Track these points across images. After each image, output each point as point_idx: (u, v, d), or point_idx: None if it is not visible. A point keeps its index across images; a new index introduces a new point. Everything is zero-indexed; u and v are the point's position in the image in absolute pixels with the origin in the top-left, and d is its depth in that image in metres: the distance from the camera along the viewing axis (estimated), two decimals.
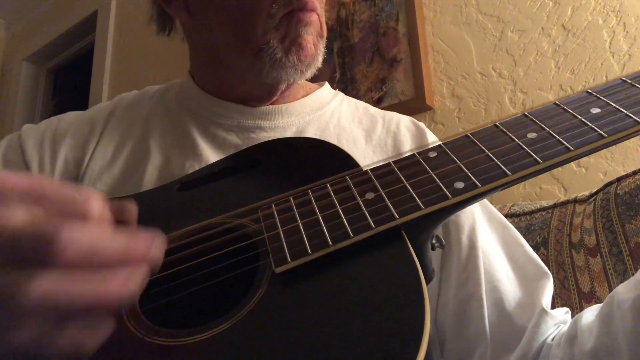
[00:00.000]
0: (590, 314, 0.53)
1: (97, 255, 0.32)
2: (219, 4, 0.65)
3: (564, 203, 0.89)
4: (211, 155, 0.66)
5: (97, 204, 0.35)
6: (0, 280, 0.30)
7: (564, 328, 0.57)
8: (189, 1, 0.69)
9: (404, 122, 0.74)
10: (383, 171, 0.46)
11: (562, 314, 0.59)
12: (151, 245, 0.35)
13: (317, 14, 0.65)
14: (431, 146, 0.47)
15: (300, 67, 0.64)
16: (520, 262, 0.63)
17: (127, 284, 0.33)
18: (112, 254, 0.33)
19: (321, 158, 0.53)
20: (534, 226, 0.89)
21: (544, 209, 0.91)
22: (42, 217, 0.33)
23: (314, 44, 0.65)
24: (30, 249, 0.31)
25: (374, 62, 1.51)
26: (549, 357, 0.55)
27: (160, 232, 0.36)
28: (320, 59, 0.67)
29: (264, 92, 0.69)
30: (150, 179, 0.65)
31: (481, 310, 0.59)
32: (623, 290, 0.49)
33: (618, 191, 0.80)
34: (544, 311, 0.58)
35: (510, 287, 0.61)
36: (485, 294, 0.60)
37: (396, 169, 0.46)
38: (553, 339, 0.56)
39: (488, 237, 0.65)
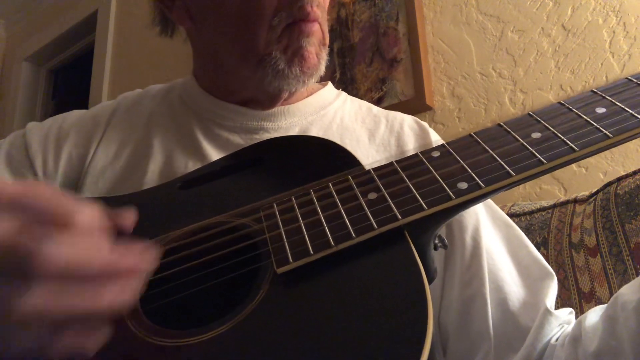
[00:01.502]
0: (594, 314, 0.53)
1: (80, 268, 0.32)
2: (222, 13, 0.65)
3: (564, 203, 0.89)
4: (214, 155, 0.66)
5: (87, 214, 0.34)
6: None
7: (568, 329, 0.57)
8: (191, 8, 0.68)
9: (407, 122, 0.74)
10: (386, 171, 0.46)
11: (566, 315, 0.59)
12: (142, 258, 0.35)
13: (319, 23, 0.65)
14: (434, 146, 0.47)
15: (303, 77, 0.64)
16: (525, 262, 0.63)
17: (119, 295, 0.33)
18: (97, 267, 0.33)
19: (323, 157, 0.53)
20: (534, 226, 0.89)
21: (544, 209, 0.91)
22: (24, 228, 0.32)
23: (317, 53, 0.65)
24: (9, 264, 0.31)
25: (374, 62, 1.50)
26: (553, 357, 0.55)
27: (154, 243, 0.35)
28: (322, 67, 0.67)
29: (266, 98, 0.69)
30: (152, 176, 0.65)
31: (485, 309, 0.59)
32: (627, 292, 0.49)
33: (618, 191, 0.80)
34: (547, 312, 0.58)
35: (514, 287, 0.61)
36: (489, 294, 0.60)
37: (399, 169, 0.45)
38: (557, 340, 0.56)
39: (492, 237, 0.65)
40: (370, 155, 0.68)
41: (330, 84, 0.79)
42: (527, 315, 0.59)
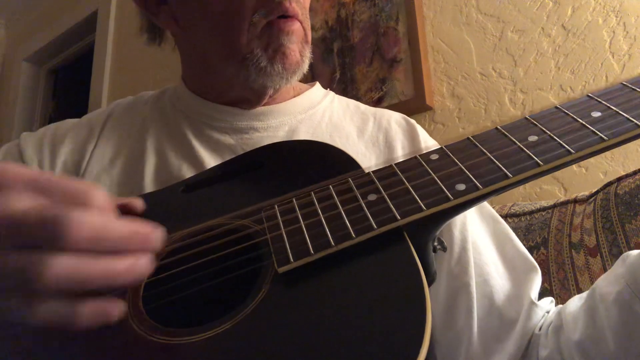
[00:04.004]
0: (573, 304, 0.56)
1: (104, 237, 0.34)
2: (206, 14, 0.66)
3: (564, 203, 0.90)
4: (207, 156, 0.67)
5: (100, 194, 0.37)
6: (12, 264, 0.32)
7: (549, 318, 0.59)
8: (177, 12, 0.70)
9: (394, 118, 0.75)
10: (385, 173, 0.46)
11: (548, 304, 0.62)
12: (153, 233, 0.37)
13: (299, 20, 0.65)
14: (433, 149, 0.47)
15: (286, 74, 0.65)
16: (510, 256, 0.65)
17: (135, 265, 0.36)
18: (118, 237, 0.35)
19: (324, 161, 0.54)
20: (534, 226, 0.89)
21: (544, 209, 0.91)
22: (46, 204, 0.35)
23: (299, 50, 0.66)
24: (38, 233, 0.33)
25: (374, 62, 1.51)
26: (539, 346, 0.57)
27: (160, 228, 0.38)
28: (306, 65, 0.68)
29: (253, 96, 0.70)
30: (148, 180, 0.66)
31: (471, 303, 0.61)
32: (604, 284, 0.51)
33: (618, 191, 0.80)
34: (533, 304, 0.60)
35: (499, 281, 0.62)
36: (475, 288, 0.61)
37: (398, 171, 0.46)
38: (540, 329, 0.59)
39: (479, 231, 0.66)
40: (359, 151, 0.69)
41: (317, 84, 0.80)
42: (512, 307, 0.61)
